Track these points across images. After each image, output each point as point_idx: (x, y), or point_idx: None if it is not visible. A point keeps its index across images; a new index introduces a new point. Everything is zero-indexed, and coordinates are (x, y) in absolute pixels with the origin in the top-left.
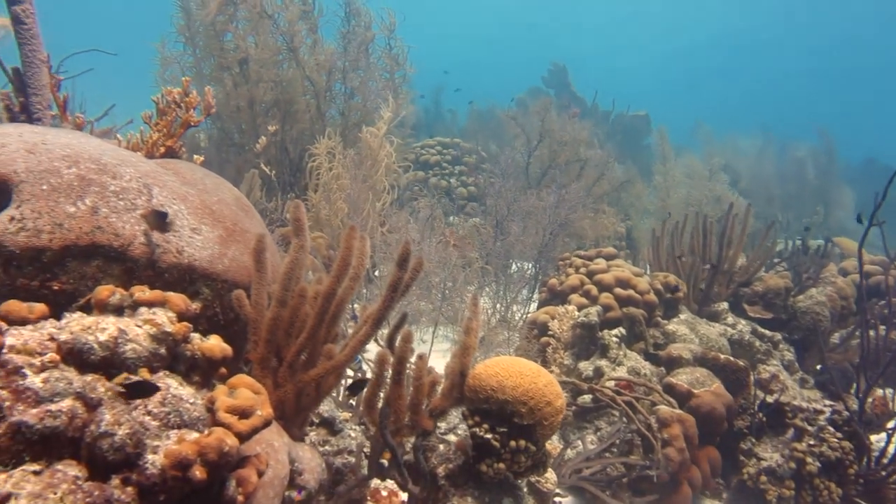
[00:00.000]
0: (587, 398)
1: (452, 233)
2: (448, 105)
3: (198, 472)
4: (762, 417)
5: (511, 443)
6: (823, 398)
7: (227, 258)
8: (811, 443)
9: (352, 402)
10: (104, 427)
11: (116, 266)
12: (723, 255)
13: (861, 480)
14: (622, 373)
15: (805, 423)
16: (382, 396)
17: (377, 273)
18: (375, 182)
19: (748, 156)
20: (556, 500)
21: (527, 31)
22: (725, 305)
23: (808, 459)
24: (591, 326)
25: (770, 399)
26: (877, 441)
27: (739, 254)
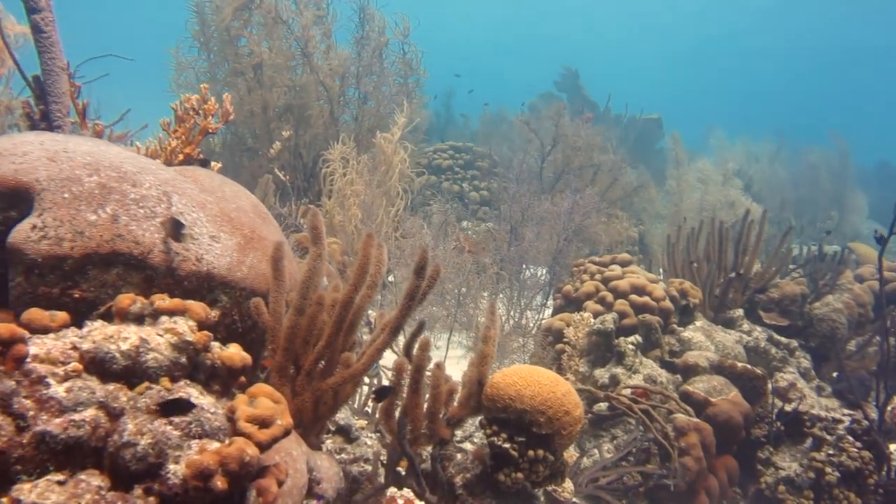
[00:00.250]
0: (603, 406)
1: (467, 238)
2: (459, 108)
3: (219, 483)
4: (780, 426)
5: (529, 452)
6: (842, 407)
7: (246, 266)
8: (830, 452)
9: (367, 410)
10: (127, 437)
11: (136, 274)
12: (738, 262)
13: (881, 491)
14: (638, 380)
15: (824, 433)
16: (399, 405)
17: (391, 279)
18: (389, 188)
19: (760, 160)
20: None
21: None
22: (741, 312)
23: (828, 469)
24: (608, 334)
25: (788, 408)
26: None
27: (755, 260)
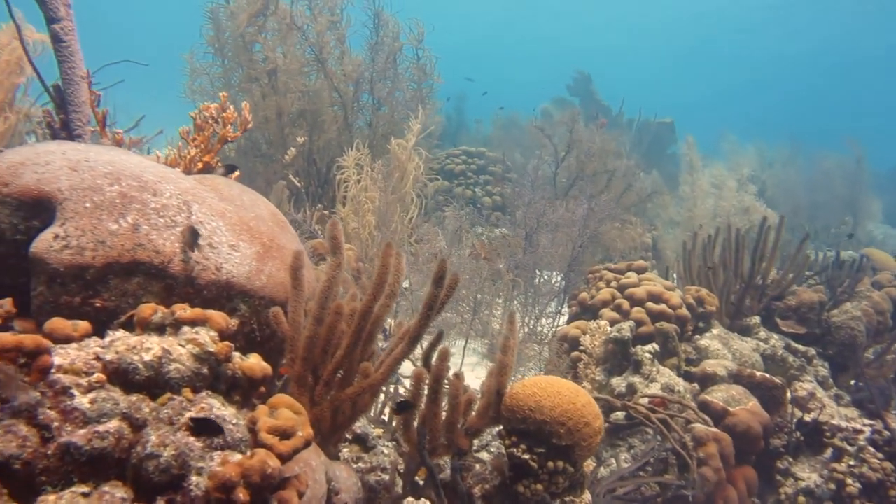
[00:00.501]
0: (620, 415)
1: (483, 245)
2: (471, 112)
3: (241, 495)
4: (799, 436)
5: (549, 464)
6: (861, 417)
7: (265, 274)
8: (851, 463)
9: (384, 418)
10: (150, 448)
11: (156, 283)
12: (755, 269)
13: None
14: (656, 389)
15: (844, 443)
16: (418, 415)
17: (406, 285)
18: (404, 194)
19: (773, 164)
20: None
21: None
22: (757, 319)
23: (849, 481)
24: (624, 342)
25: (808, 418)
26: None
27: (772, 267)
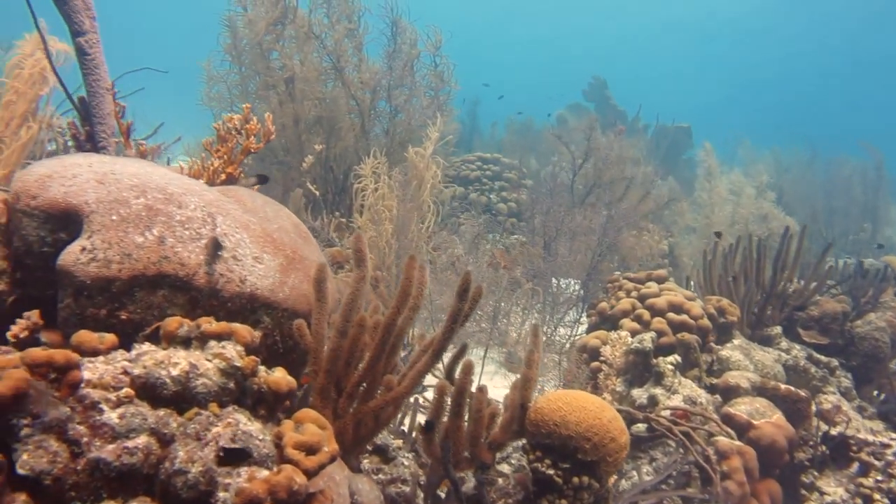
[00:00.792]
0: (642, 427)
1: (503, 254)
2: (484, 117)
3: None
4: (825, 450)
5: (574, 479)
6: (887, 430)
7: (288, 286)
8: (878, 478)
9: (403, 429)
10: (178, 464)
11: (181, 295)
12: (777, 278)
13: None
14: (678, 401)
15: (871, 458)
16: (441, 428)
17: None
18: (422, 203)
19: (790, 170)
20: None
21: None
22: (779, 330)
23: (876, 496)
24: (646, 353)
25: (834, 431)
26: None
27: (794, 277)
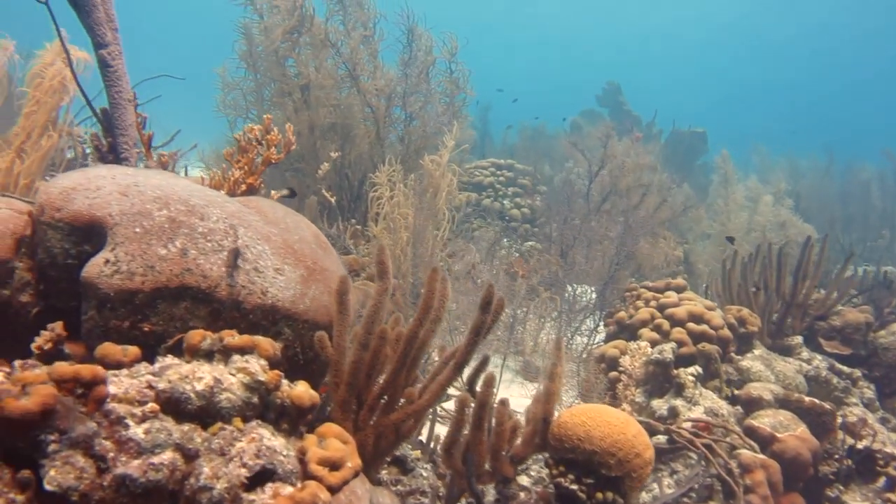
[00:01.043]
0: (662, 439)
1: (521, 263)
2: (496, 123)
3: None
4: (850, 464)
5: (598, 495)
6: None
7: (308, 298)
8: None
9: (421, 440)
10: (203, 481)
11: (203, 307)
12: (798, 288)
13: None
14: (699, 413)
15: None
16: (462, 441)
17: None
18: (437, 211)
19: (806, 176)
20: None
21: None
22: (799, 339)
23: None
24: (666, 364)
25: (860, 445)
26: None
27: (815, 286)
